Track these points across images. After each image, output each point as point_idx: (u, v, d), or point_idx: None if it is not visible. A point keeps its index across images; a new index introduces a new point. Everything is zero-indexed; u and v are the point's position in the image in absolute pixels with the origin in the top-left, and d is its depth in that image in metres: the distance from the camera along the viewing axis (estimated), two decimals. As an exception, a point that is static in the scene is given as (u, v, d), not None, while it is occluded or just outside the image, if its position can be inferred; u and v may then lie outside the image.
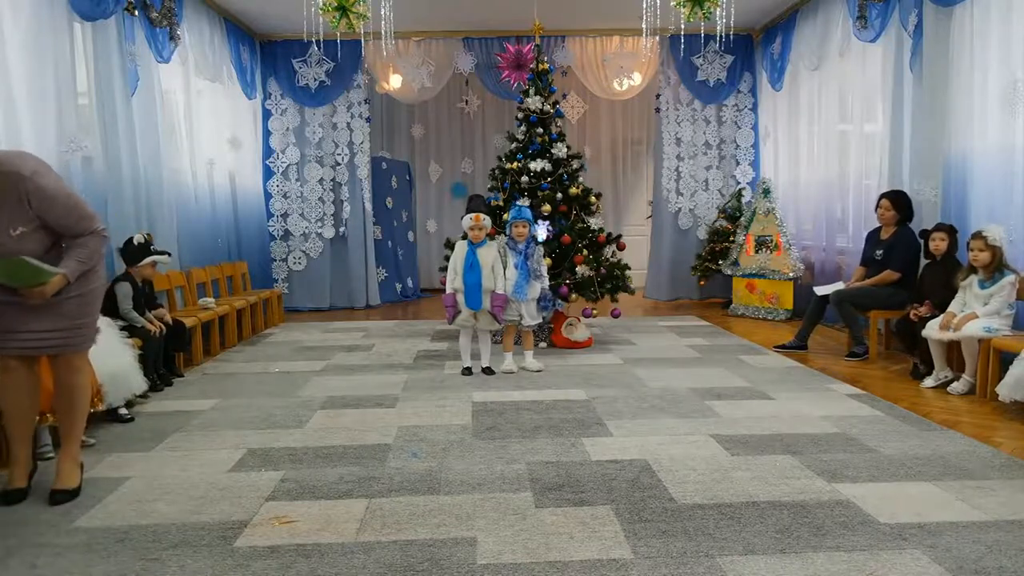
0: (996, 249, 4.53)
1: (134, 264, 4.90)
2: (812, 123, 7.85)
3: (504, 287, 5.13)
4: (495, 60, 8.92)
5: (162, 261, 5.09)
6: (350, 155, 8.98)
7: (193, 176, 7.12)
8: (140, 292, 4.88)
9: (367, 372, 5.40)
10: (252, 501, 2.99)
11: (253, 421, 4.16)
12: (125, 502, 3.00)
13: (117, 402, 4.06)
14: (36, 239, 2.87)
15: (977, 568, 2.36)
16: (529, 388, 4.85)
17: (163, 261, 5.09)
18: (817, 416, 4.11)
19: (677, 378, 5.07)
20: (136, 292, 4.81)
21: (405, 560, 2.47)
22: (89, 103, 5.44)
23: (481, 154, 11.19)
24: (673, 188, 9.21)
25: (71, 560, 2.51)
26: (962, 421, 4.04)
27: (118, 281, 4.76)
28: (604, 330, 6.97)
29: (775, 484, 3.10)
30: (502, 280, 5.11)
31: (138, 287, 4.85)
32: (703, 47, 8.83)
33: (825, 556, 2.46)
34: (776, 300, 7.85)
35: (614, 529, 2.68)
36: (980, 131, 5.17)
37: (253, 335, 7.14)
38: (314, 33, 6.26)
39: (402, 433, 3.89)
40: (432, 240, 11.09)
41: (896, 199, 5.75)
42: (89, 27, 5.38)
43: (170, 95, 6.72)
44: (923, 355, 4.92)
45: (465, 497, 3.00)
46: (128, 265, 4.93)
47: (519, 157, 6.39)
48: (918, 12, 5.69)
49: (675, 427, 3.94)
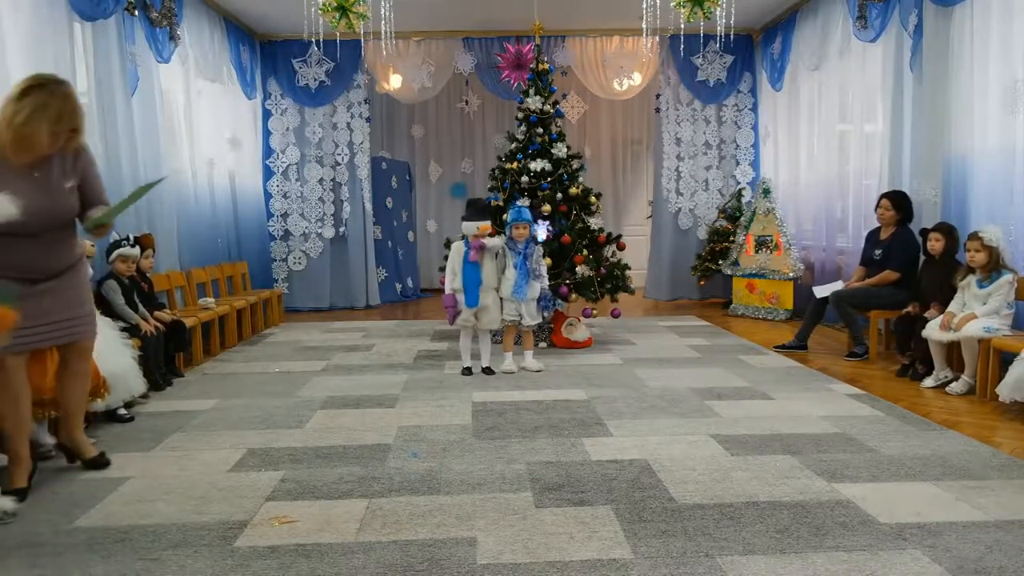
0: (993, 249, 4.53)
1: (110, 262, 4.89)
2: (812, 123, 7.86)
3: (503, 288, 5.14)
4: (495, 60, 8.92)
5: (128, 255, 4.94)
6: (350, 155, 8.98)
7: (193, 176, 7.13)
8: (129, 288, 4.88)
9: (367, 372, 5.40)
10: (252, 501, 2.99)
11: (253, 421, 4.16)
12: (125, 502, 3.00)
13: (116, 403, 4.06)
14: (75, 198, 3.15)
15: (977, 568, 2.36)
16: (529, 388, 4.85)
17: (130, 255, 4.93)
18: (817, 416, 4.11)
19: (677, 378, 5.07)
20: (125, 288, 4.81)
21: (405, 560, 2.47)
22: (89, 103, 5.43)
23: (481, 154, 11.18)
24: (673, 188, 9.21)
25: (71, 560, 2.51)
26: (962, 421, 4.04)
27: (102, 282, 4.75)
28: (604, 330, 6.97)
29: (775, 484, 3.10)
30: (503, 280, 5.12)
31: (124, 283, 4.84)
32: (703, 47, 8.83)
33: (825, 556, 2.46)
34: (776, 300, 7.85)
35: (614, 529, 2.68)
36: (980, 131, 5.17)
37: (253, 335, 7.15)
38: (314, 33, 6.26)
39: (402, 433, 3.89)
40: (432, 240, 11.08)
41: (896, 199, 5.75)
42: (89, 27, 5.39)
43: (170, 95, 6.72)
44: (923, 355, 4.92)
45: (465, 497, 3.00)
46: (109, 264, 4.92)
47: (519, 157, 6.39)
48: (918, 12, 5.69)
49: (675, 427, 3.94)
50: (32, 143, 2.87)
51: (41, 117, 2.85)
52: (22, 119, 2.83)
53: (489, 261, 5.13)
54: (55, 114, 2.88)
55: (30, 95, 2.85)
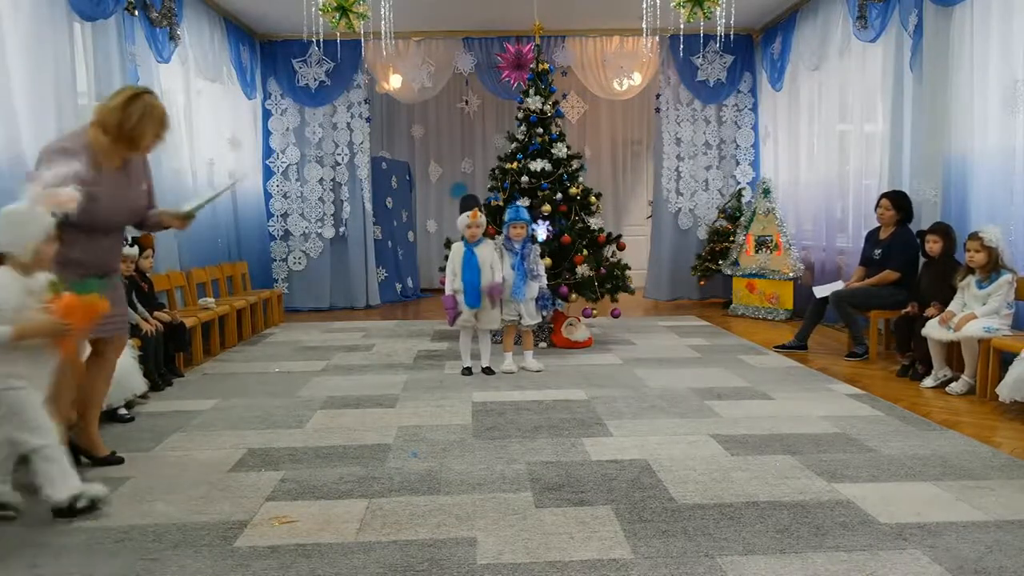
0: (992, 250, 4.53)
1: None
2: (812, 123, 7.86)
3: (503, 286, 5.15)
4: (495, 60, 8.92)
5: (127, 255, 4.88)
6: (350, 155, 8.98)
7: (193, 176, 7.12)
8: (128, 288, 4.87)
9: (367, 372, 5.40)
10: (252, 501, 2.99)
11: (253, 421, 4.16)
12: (125, 502, 3.00)
13: (118, 402, 4.07)
14: (145, 197, 3.50)
15: (977, 568, 2.36)
16: (529, 388, 4.85)
17: (129, 255, 4.90)
18: (817, 416, 4.11)
19: (677, 378, 5.07)
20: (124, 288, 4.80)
21: (405, 560, 2.47)
22: (89, 103, 5.43)
23: (481, 154, 11.18)
24: (673, 188, 9.21)
25: (71, 560, 2.51)
26: (962, 421, 4.04)
27: None
28: (604, 330, 6.97)
29: (775, 484, 3.10)
30: (500, 279, 5.12)
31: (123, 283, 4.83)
32: (703, 47, 8.82)
33: (825, 556, 2.46)
34: (776, 300, 7.85)
35: (614, 529, 2.68)
36: (980, 131, 5.17)
37: (253, 335, 7.14)
38: (314, 33, 6.25)
39: (402, 433, 3.89)
40: (432, 240, 11.08)
41: (896, 199, 5.75)
42: (89, 27, 5.39)
43: (170, 95, 6.70)
44: (923, 355, 4.92)
45: (465, 497, 3.00)
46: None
47: (519, 157, 6.39)
48: (918, 12, 5.69)
49: (675, 427, 3.94)
50: (138, 145, 3.25)
51: (149, 121, 3.22)
52: (132, 124, 3.17)
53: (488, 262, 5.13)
54: (159, 119, 3.27)
55: (135, 103, 3.19)
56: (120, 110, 3.17)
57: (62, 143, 3.20)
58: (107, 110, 3.19)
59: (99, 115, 3.21)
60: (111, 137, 3.18)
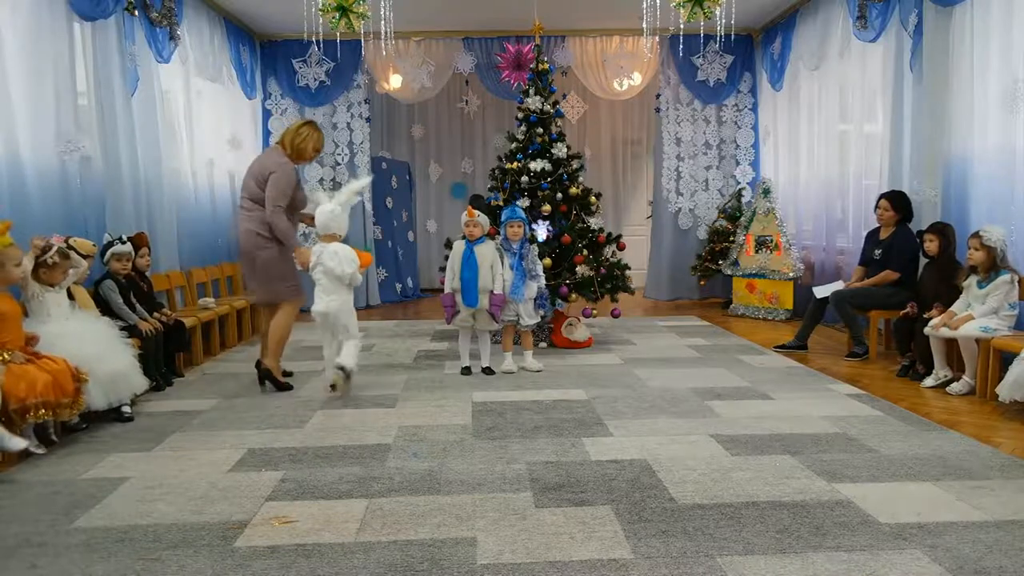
0: (992, 249, 4.52)
1: (105, 263, 4.88)
2: (812, 123, 7.85)
3: (502, 287, 5.13)
4: (495, 60, 8.92)
5: (121, 252, 4.92)
6: (350, 155, 8.98)
7: (193, 176, 7.12)
8: (126, 288, 4.88)
9: (367, 372, 5.39)
10: (252, 501, 2.99)
11: (253, 421, 4.16)
12: (125, 502, 3.00)
13: (120, 400, 4.07)
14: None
15: (977, 568, 2.36)
16: (529, 388, 4.85)
17: (123, 252, 4.92)
18: (817, 416, 4.11)
19: (677, 378, 5.07)
20: (122, 288, 4.81)
21: (405, 560, 2.47)
22: (88, 103, 5.44)
23: (481, 154, 11.18)
24: (673, 188, 9.21)
25: (71, 560, 2.51)
26: (962, 421, 4.04)
27: (100, 282, 4.76)
28: (604, 330, 6.97)
29: (775, 484, 3.10)
30: (500, 280, 5.12)
31: (121, 283, 4.84)
32: (703, 47, 8.83)
33: (825, 556, 2.46)
34: (776, 300, 7.85)
35: (614, 529, 2.68)
36: (980, 131, 5.16)
37: (253, 335, 7.14)
38: (314, 33, 6.24)
39: (402, 433, 3.89)
40: (432, 240, 11.08)
41: (895, 199, 5.75)
42: (89, 27, 5.38)
43: (170, 95, 6.72)
44: (923, 355, 4.92)
45: (465, 497, 3.00)
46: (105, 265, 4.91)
47: (519, 157, 6.39)
48: (918, 12, 5.69)
49: (675, 427, 3.94)
50: (304, 156, 4.97)
51: (310, 139, 4.95)
52: (301, 140, 4.91)
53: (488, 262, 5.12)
54: (317, 139, 5.00)
55: (305, 127, 4.97)
56: (293, 132, 4.93)
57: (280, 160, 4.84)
58: (289, 135, 4.92)
59: (282, 138, 4.97)
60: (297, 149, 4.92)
